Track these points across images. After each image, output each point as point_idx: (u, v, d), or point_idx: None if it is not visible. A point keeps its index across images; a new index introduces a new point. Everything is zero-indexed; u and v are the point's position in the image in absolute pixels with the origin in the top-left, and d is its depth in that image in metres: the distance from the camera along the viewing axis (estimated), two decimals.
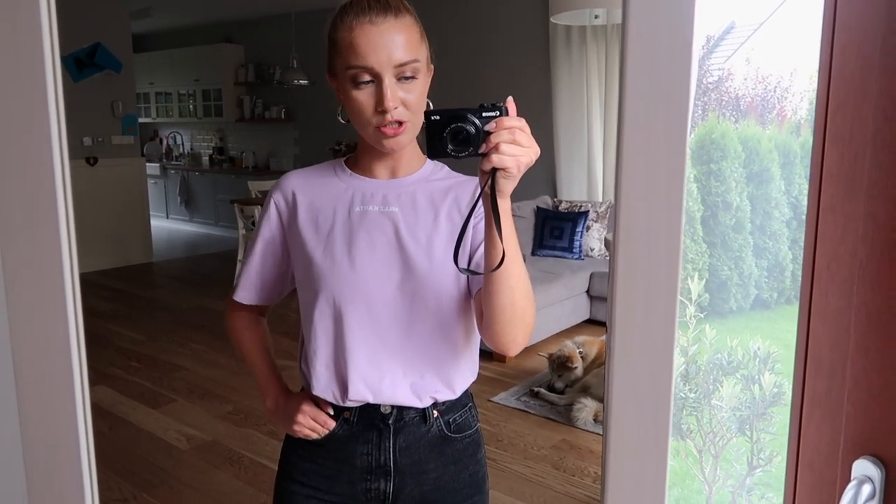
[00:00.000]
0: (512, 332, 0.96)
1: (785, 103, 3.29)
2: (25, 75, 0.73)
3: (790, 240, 3.14)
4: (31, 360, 0.79)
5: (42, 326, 0.77)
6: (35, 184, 0.75)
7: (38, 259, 0.76)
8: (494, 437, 3.03)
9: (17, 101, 0.73)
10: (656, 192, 0.65)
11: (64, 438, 0.81)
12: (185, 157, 8.92)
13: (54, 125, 0.73)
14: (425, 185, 1.06)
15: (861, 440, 0.66)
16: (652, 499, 0.71)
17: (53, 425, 0.81)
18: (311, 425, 1.07)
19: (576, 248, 4.79)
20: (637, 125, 0.63)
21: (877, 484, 0.64)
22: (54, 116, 0.72)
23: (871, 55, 0.63)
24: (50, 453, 0.83)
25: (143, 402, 3.46)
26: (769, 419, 1.55)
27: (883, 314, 0.64)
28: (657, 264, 0.67)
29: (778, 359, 1.55)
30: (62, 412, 0.80)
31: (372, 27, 0.93)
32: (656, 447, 0.70)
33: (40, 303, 0.76)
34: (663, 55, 0.61)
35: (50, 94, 0.72)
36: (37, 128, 0.73)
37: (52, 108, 0.72)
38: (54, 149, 0.73)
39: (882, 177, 0.63)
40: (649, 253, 0.67)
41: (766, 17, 3.29)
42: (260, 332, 1.20)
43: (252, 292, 1.14)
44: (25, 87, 0.73)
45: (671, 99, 0.61)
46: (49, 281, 0.76)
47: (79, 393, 0.79)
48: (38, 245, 0.76)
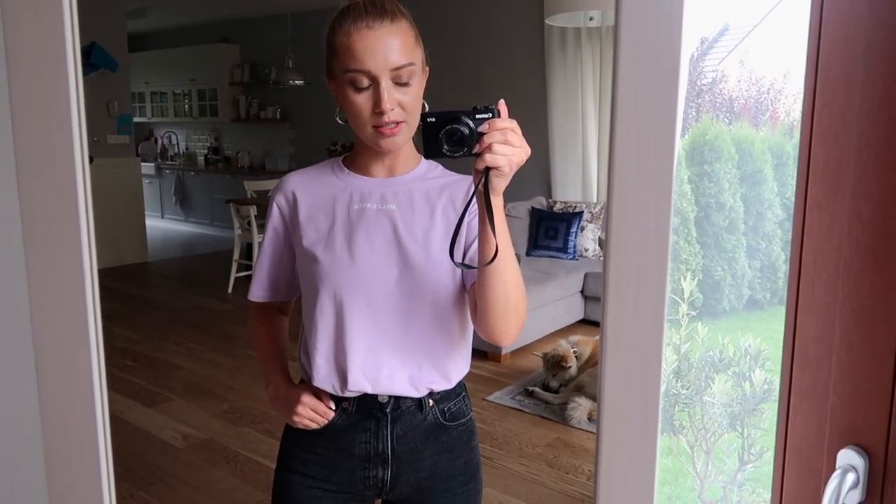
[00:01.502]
0: (505, 323, 0.99)
1: (778, 105, 3.32)
2: (48, 75, 0.75)
3: (783, 241, 3.16)
4: (52, 353, 0.81)
5: (64, 321, 0.79)
6: (57, 180, 0.77)
7: (58, 254, 0.78)
8: (489, 436, 3.05)
9: (40, 102, 0.75)
10: (646, 191, 0.67)
11: (83, 429, 0.83)
12: (181, 156, 8.92)
13: (76, 124, 0.75)
14: (421, 183, 1.09)
15: (846, 430, 0.68)
16: (641, 492, 0.73)
17: (73, 415, 0.83)
18: (310, 416, 1.10)
19: (570, 248, 4.82)
20: (627, 126, 0.65)
21: (860, 472, 0.67)
22: (76, 115, 0.74)
23: (855, 59, 0.65)
24: (70, 448, 0.85)
25: (139, 401, 3.46)
26: (759, 415, 1.58)
27: (867, 309, 0.66)
28: (647, 262, 0.69)
29: (768, 356, 1.57)
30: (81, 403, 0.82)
31: (369, 32, 0.96)
32: (645, 440, 0.72)
33: (62, 299, 0.78)
34: (652, 57, 0.63)
35: (72, 96, 0.74)
36: (58, 126, 0.75)
37: (74, 107, 0.74)
38: (76, 147, 0.75)
39: (866, 176, 0.66)
40: (639, 251, 0.69)
41: (760, 20, 3.32)
42: (274, 325, 1.24)
43: (264, 290, 1.19)
44: (48, 86, 0.75)
45: (660, 100, 0.63)
46: (70, 274, 0.78)
47: (97, 388, 0.81)
48: (59, 238, 0.78)
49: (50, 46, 0.74)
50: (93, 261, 0.77)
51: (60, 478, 0.89)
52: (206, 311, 5.10)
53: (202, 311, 5.08)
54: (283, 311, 1.27)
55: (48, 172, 0.76)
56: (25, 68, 0.76)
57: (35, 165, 0.77)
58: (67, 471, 0.88)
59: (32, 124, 0.77)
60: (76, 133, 0.75)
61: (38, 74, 0.75)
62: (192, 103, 8.40)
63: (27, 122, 0.77)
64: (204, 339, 4.41)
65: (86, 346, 0.80)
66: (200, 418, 3.27)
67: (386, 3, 0.99)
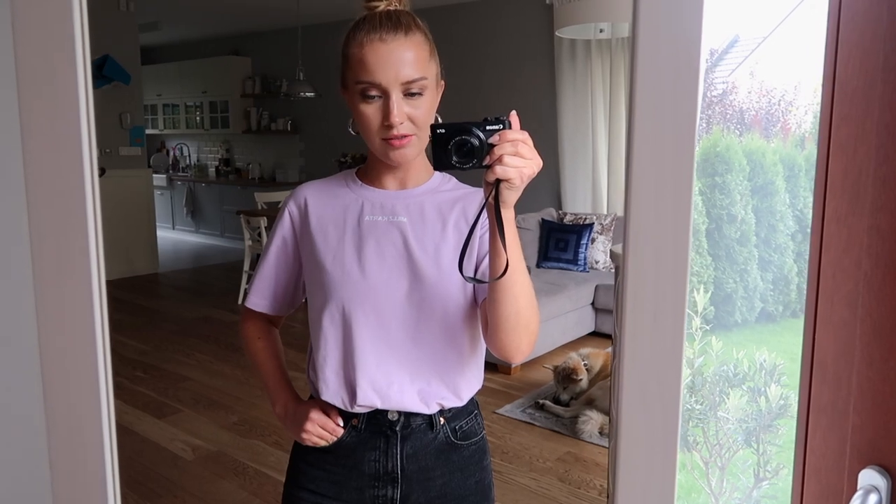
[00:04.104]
0: (516, 339, 0.98)
1: (789, 116, 3.30)
2: (58, 86, 0.75)
3: (795, 252, 3.14)
4: (59, 364, 0.81)
5: (71, 328, 0.79)
6: (66, 191, 0.77)
7: (67, 265, 0.78)
8: (500, 450, 3.02)
9: (50, 113, 0.75)
10: (664, 204, 0.66)
11: (89, 441, 0.83)
12: (192, 168, 8.97)
13: (85, 136, 0.75)
14: (433, 195, 1.08)
15: (867, 450, 0.67)
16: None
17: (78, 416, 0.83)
18: (319, 433, 1.08)
19: (581, 260, 4.80)
20: (645, 138, 0.65)
21: (883, 493, 0.65)
22: (85, 126, 0.74)
23: (874, 70, 0.64)
24: (76, 460, 0.85)
25: (149, 412, 3.46)
26: (775, 431, 1.55)
27: (887, 325, 0.65)
28: (665, 277, 0.68)
29: (784, 371, 1.55)
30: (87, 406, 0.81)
31: (382, 44, 0.96)
32: (664, 458, 0.70)
33: (70, 309, 0.78)
34: (671, 69, 0.62)
35: (82, 106, 0.74)
36: (67, 137, 0.75)
37: (84, 118, 0.74)
38: (85, 158, 0.75)
39: (886, 190, 0.64)
40: (657, 265, 0.68)
41: (770, 31, 3.31)
42: (272, 340, 1.22)
43: (264, 299, 1.16)
44: (58, 97, 0.75)
45: (678, 112, 0.62)
46: (78, 285, 0.77)
47: (104, 400, 0.80)
48: (68, 249, 0.78)
49: (60, 57, 0.74)
50: (101, 272, 0.77)
51: (65, 490, 0.88)
52: (215, 322, 5.11)
53: (212, 323, 5.08)
54: (275, 324, 1.24)
55: (57, 183, 0.76)
56: (35, 79, 0.76)
57: (44, 176, 0.77)
58: (73, 483, 0.88)
59: (42, 135, 0.77)
60: (85, 144, 0.75)
61: (49, 84, 0.75)
62: (203, 115, 8.46)
63: (36, 132, 0.77)
64: (214, 351, 4.42)
65: (93, 357, 0.80)
66: (209, 430, 3.27)
67: (402, 16, 0.99)
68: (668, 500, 0.72)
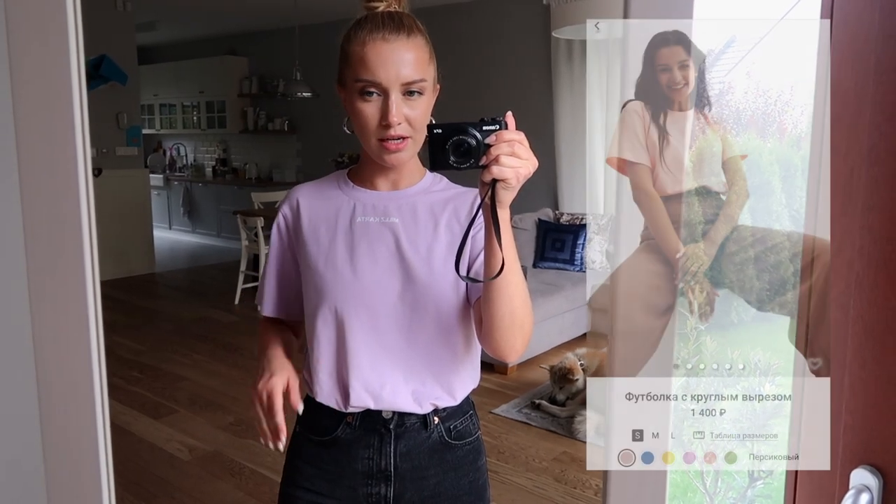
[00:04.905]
0: (511, 339, 0.98)
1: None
2: (53, 87, 0.75)
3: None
4: (53, 364, 0.81)
5: (65, 329, 0.79)
6: (60, 189, 0.77)
7: (60, 265, 0.78)
8: (496, 449, 3.02)
9: (44, 113, 0.75)
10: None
11: (84, 438, 0.83)
12: (189, 168, 8.96)
13: (79, 136, 0.75)
14: (425, 196, 1.08)
15: (859, 450, 0.67)
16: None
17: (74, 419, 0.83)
18: (257, 414, 1.04)
19: (577, 260, 4.80)
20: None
21: (875, 493, 0.65)
22: (79, 127, 0.74)
23: (866, 73, 0.65)
24: (71, 461, 0.84)
25: (145, 413, 3.46)
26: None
27: (879, 326, 0.65)
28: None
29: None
30: (83, 409, 0.81)
31: (384, 44, 0.96)
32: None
33: (64, 307, 0.78)
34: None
35: (76, 106, 0.74)
36: (62, 138, 0.75)
37: (78, 119, 0.74)
38: (79, 158, 0.75)
39: (877, 190, 0.65)
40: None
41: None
42: (281, 329, 1.17)
43: (273, 304, 1.16)
44: (52, 98, 0.75)
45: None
46: (72, 282, 0.77)
47: (97, 393, 0.80)
48: (62, 249, 0.78)
49: (54, 58, 0.74)
50: (95, 272, 0.77)
51: (60, 491, 0.88)
52: (212, 322, 5.10)
53: (208, 323, 5.08)
54: (295, 333, 1.20)
55: (52, 184, 0.76)
56: (29, 79, 0.76)
57: (39, 175, 0.77)
58: (68, 484, 0.88)
59: (36, 134, 0.77)
60: (80, 144, 0.75)
61: (43, 84, 0.75)
62: (200, 115, 8.45)
63: (31, 132, 0.77)
64: (210, 351, 4.41)
65: (87, 356, 0.80)
66: (206, 430, 3.26)
67: (404, 17, 0.99)
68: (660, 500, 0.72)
